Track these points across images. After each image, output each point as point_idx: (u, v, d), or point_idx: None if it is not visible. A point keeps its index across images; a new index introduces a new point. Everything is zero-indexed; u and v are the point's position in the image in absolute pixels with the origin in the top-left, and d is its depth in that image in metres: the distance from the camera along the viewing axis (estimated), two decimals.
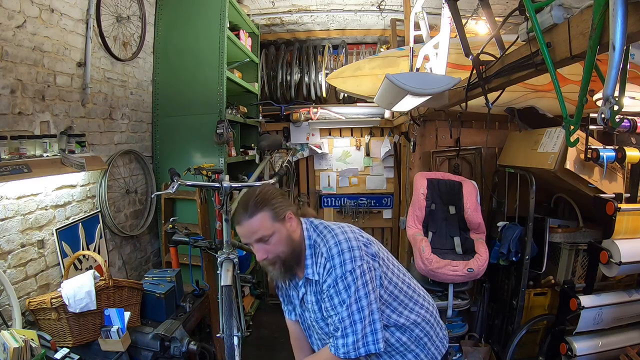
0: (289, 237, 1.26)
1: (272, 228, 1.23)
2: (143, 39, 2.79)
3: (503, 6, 3.33)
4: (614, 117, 0.91)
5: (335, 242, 1.24)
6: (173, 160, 2.92)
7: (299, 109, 4.10)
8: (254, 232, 1.24)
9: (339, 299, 1.20)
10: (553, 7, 1.09)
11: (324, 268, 1.23)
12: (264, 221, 1.23)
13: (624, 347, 2.14)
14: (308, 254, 1.29)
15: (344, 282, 1.19)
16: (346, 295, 1.19)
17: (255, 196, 1.25)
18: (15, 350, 1.41)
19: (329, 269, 1.22)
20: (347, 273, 1.19)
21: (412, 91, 1.64)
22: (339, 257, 1.21)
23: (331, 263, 1.22)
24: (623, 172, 2.25)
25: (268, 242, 1.24)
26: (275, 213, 1.24)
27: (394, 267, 1.36)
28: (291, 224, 1.28)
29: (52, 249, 1.98)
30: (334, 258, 1.22)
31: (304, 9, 3.75)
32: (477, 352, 2.65)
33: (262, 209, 1.23)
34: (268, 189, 1.30)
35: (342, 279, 1.20)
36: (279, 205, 1.25)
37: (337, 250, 1.22)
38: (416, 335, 1.35)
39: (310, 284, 1.31)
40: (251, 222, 1.23)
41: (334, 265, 1.21)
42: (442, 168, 3.02)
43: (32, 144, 1.79)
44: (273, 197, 1.26)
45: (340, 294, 1.20)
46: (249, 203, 1.24)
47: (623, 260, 1.97)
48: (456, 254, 2.53)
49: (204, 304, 2.43)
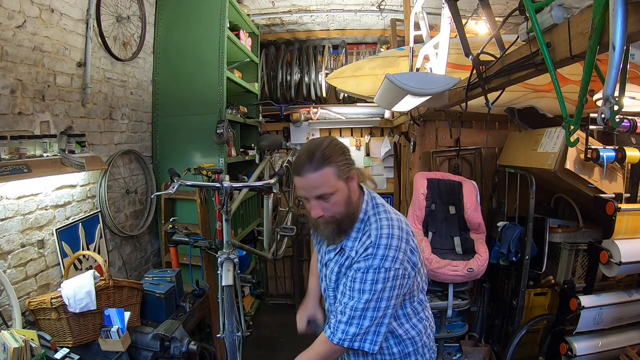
0: (349, 198, 1.19)
1: (336, 186, 1.16)
2: (143, 39, 2.79)
3: (503, 6, 3.33)
4: (614, 117, 0.91)
5: (388, 233, 1.17)
6: (173, 160, 2.92)
7: (299, 109, 4.10)
8: (316, 188, 1.15)
9: (361, 287, 1.15)
10: (553, 7, 1.09)
11: (365, 249, 1.17)
12: (329, 177, 1.14)
13: (624, 347, 2.15)
14: (358, 227, 1.23)
15: (374, 275, 1.14)
16: (369, 287, 1.14)
17: (324, 147, 1.15)
18: (15, 350, 1.41)
19: (369, 254, 1.16)
20: (381, 269, 1.14)
21: (412, 91, 1.64)
22: (384, 250, 1.15)
23: (374, 250, 1.16)
24: (623, 172, 2.25)
25: (327, 200, 1.17)
26: (342, 170, 1.16)
27: (421, 281, 1.31)
28: (353, 184, 1.20)
29: (52, 249, 1.98)
30: (379, 247, 1.15)
31: (304, 9, 3.76)
32: (477, 352, 2.66)
33: (329, 164, 1.14)
34: (337, 142, 1.20)
35: (375, 271, 1.14)
36: (346, 162, 1.17)
37: (385, 242, 1.16)
38: (407, 351, 1.31)
39: (342, 254, 1.25)
40: (315, 176, 1.14)
41: (375, 255, 1.15)
42: (442, 168, 3.02)
43: (32, 144, 1.79)
44: (342, 152, 1.18)
45: (364, 283, 1.14)
46: (315, 154, 1.14)
47: (623, 260, 1.97)
48: (456, 254, 2.53)
49: (204, 304, 2.43)
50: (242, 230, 3.29)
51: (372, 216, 1.23)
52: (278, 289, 4.36)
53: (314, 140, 1.23)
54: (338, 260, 1.26)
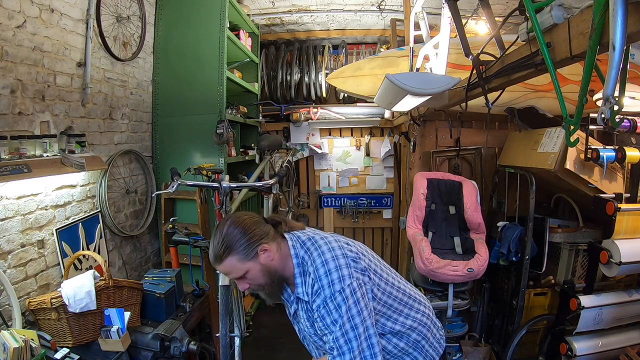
0: (265, 269, 1.24)
1: (245, 268, 1.22)
2: (143, 39, 2.80)
3: (503, 6, 3.33)
4: (614, 117, 0.91)
5: (322, 261, 1.20)
6: (173, 160, 2.92)
7: (299, 109, 4.10)
8: (228, 273, 1.26)
9: (331, 319, 1.17)
10: (553, 7, 1.09)
11: (312, 288, 1.21)
12: (233, 265, 1.22)
13: (624, 347, 2.14)
14: (297, 272, 1.26)
15: (333, 303, 1.16)
16: (337, 315, 1.16)
17: (221, 241, 1.21)
18: (15, 350, 1.41)
19: (317, 289, 1.19)
20: (335, 293, 1.16)
21: (412, 91, 1.64)
22: (327, 278, 1.18)
23: (319, 284, 1.19)
24: (623, 172, 2.25)
25: (245, 278, 1.24)
26: (244, 254, 1.21)
27: (387, 276, 1.33)
28: (267, 255, 1.23)
29: (52, 249, 1.98)
30: (322, 279, 1.18)
31: (304, 9, 3.76)
32: (477, 352, 2.65)
33: (229, 255, 1.21)
34: (235, 226, 1.23)
35: (332, 299, 1.17)
36: (247, 244, 1.21)
37: (324, 270, 1.19)
38: (413, 339, 1.35)
39: (301, 302, 1.29)
40: (221, 267, 1.24)
41: (322, 286, 1.18)
42: (442, 168, 3.02)
43: (32, 144, 1.79)
44: (240, 237, 1.21)
45: (331, 314, 1.17)
46: (215, 248, 1.22)
47: (623, 260, 1.97)
48: (456, 254, 2.53)
49: (204, 304, 2.43)
50: None
51: (304, 254, 1.27)
52: None
53: (217, 227, 1.27)
54: (302, 307, 1.30)
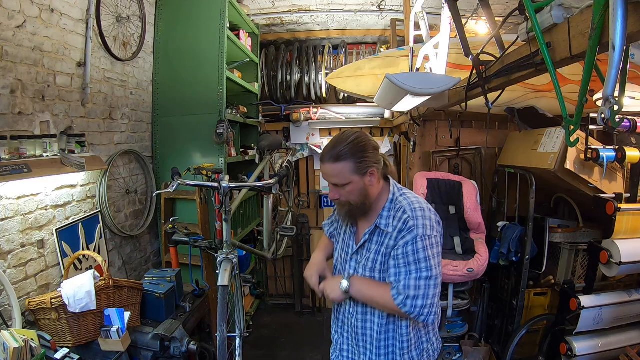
0: (363, 189, 1.29)
1: (350, 179, 1.27)
2: (143, 39, 2.79)
3: (503, 6, 3.32)
4: (614, 117, 0.91)
5: (420, 207, 1.28)
6: (173, 160, 2.92)
7: (299, 109, 4.10)
8: (332, 177, 1.29)
9: (415, 257, 1.23)
10: (553, 7, 1.09)
11: (405, 223, 1.26)
12: (343, 170, 1.26)
13: (624, 347, 2.15)
14: (387, 206, 1.32)
15: (424, 243, 1.23)
16: (423, 255, 1.23)
17: (347, 144, 1.26)
18: (15, 350, 1.41)
19: (412, 226, 1.24)
20: (426, 236, 1.24)
21: (412, 91, 1.64)
22: (422, 220, 1.25)
23: (414, 222, 1.25)
24: (623, 172, 2.25)
25: (343, 188, 1.29)
26: (358, 166, 1.26)
27: None
28: (371, 179, 1.29)
29: (52, 249, 1.98)
30: (418, 218, 1.25)
31: (304, 9, 3.75)
32: (477, 352, 2.65)
33: (346, 159, 1.25)
34: (363, 140, 1.29)
35: (423, 239, 1.23)
36: (364, 159, 1.26)
37: (421, 213, 1.26)
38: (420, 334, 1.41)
39: (379, 234, 1.33)
40: (332, 167, 1.27)
41: (417, 225, 1.24)
42: (442, 168, 3.02)
43: (32, 144, 1.79)
44: (362, 150, 1.26)
45: (417, 253, 1.23)
46: (337, 148, 1.26)
47: (623, 260, 1.97)
48: (456, 254, 2.53)
49: (204, 304, 2.43)
50: (242, 230, 3.29)
51: (400, 196, 1.34)
52: (278, 289, 4.36)
53: (344, 133, 1.31)
54: (378, 239, 1.33)
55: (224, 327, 1.88)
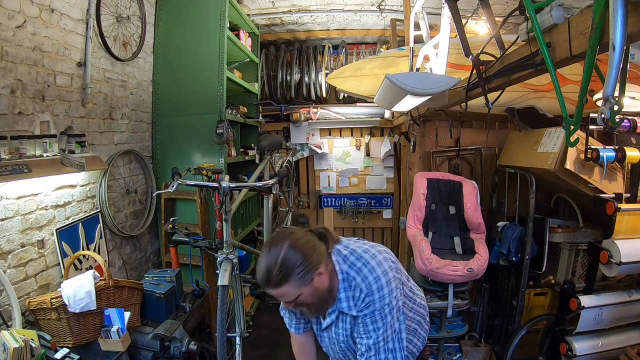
0: (316, 292, 1.25)
1: (298, 292, 1.22)
2: (143, 39, 2.80)
3: (503, 6, 3.33)
4: (614, 117, 0.91)
5: (375, 277, 1.26)
6: (173, 160, 2.92)
7: (299, 109, 4.10)
8: (279, 297, 1.26)
9: (374, 326, 1.27)
10: (553, 7, 1.09)
11: (363, 301, 1.27)
12: (287, 291, 1.21)
13: (624, 347, 2.14)
14: (341, 287, 1.30)
15: (381, 313, 1.26)
16: (382, 322, 1.27)
17: (279, 266, 1.17)
18: (15, 350, 1.41)
19: (368, 302, 1.26)
20: (385, 306, 1.26)
21: (412, 91, 1.64)
22: (379, 293, 1.26)
23: (371, 298, 1.26)
24: (623, 172, 2.25)
25: (295, 301, 1.25)
26: (302, 281, 1.19)
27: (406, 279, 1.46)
28: (321, 278, 1.23)
29: (52, 249, 1.98)
30: (374, 293, 1.26)
31: (304, 9, 3.76)
32: (477, 352, 2.65)
33: (286, 282, 1.18)
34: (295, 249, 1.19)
35: (380, 311, 1.26)
36: (305, 271, 1.19)
37: (377, 286, 1.26)
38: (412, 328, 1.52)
39: (343, 317, 1.34)
40: (276, 292, 1.21)
41: (374, 300, 1.26)
42: (442, 168, 3.02)
43: (32, 144, 1.79)
44: (299, 264, 1.18)
45: (376, 322, 1.27)
46: (271, 275, 1.18)
47: (623, 260, 1.97)
48: (456, 254, 2.53)
49: (204, 304, 2.43)
50: (242, 230, 3.29)
51: (349, 270, 1.30)
52: None
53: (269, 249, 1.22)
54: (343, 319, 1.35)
55: (224, 326, 1.88)
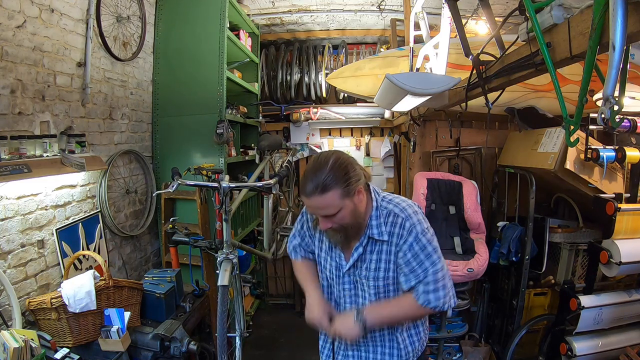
0: (354, 210, 1.24)
1: (341, 205, 1.20)
2: (143, 39, 2.79)
3: (503, 6, 3.33)
4: (614, 117, 0.91)
5: (408, 205, 1.30)
6: (173, 160, 2.92)
7: (299, 109, 4.10)
8: (322, 209, 1.22)
9: (425, 254, 1.25)
10: (553, 7, 1.09)
11: (402, 227, 1.26)
12: (333, 199, 1.18)
13: (624, 347, 2.15)
14: (374, 215, 1.29)
15: (425, 237, 1.25)
16: (431, 249, 1.25)
17: (328, 171, 1.17)
18: (15, 350, 1.41)
19: (410, 226, 1.25)
20: (426, 230, 1.27)
21: (412, 91, 1.64)
22: (416, 217, 1.27)
23: (410, 221, 1.26)
24: (623, 172, 2.25)
25: (334, 216, 1.22)
26: (346, 190, 1.19)
27: None
28: (359, 197, 1.24)
29: (52, 249, 1.98)
30: (411, 217, 1.26)
31: (304, 9, 3.75)
32: (477, 352, 2.65)
33: (334, 187, 1.17)
34: (343, 160, 1.21)
35: (424, 234, 1.25)
36: (350, 181, 1.19)
37: (412, 210, 1.28)
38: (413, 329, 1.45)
39: (374, 243, 1.31)
40: (320, 199, 1.18)
41: (414, 224, 1.25)
42: (442, 168, 3.02)
43: (32, 144, 1.79)
44: (346, 172, 1.19)
45: (425, 248, 1.25)
46: (320, 178, 1.17)
47: (623, 260, 1.97)
48: (456, 254, 2.53)
49: (204, 304, 2.43)
50: (242, 230, 3.29)
51: (382, 201, 1.32)
52: (278, 289, 4.36)
53: (318, 160, 1.22)
54: (375, 249, 1.31)
55: (224, 326, 1.88)
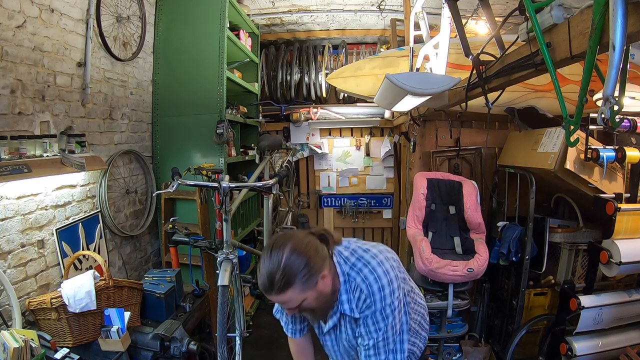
0: (320, 295, 1.21)
1: (302, 298, 1.17)
2: (143, 39, 2.80)
3: (503, 6, 3.33)
4: (614, 117, 0.91)
5: (375, 277, 1.23)
6: (173, 160, 2.92)
7: (299, 109, 4.10)
8: (284, 303, 1.21)
9: (375, 327, 1.25)
10: (553, 7, 1.09)
11: (364, 302, 1.24)
12: (291, 297, 1.16)
13: (624, 347, 2.14)
14: (343, 289, 1.27)
15: (382, 314, 1.24)
16: (383, 324, 1.24)
17: (281, 271, 1.12)
18: (15, 350, 1.41)
19: (370, 303, 1.24)
20: (386, 307, 1.23)
21: (412, 91, 1.64)
22: (380, 293, 1.23)
23: (372, 299, 1.23)
24: (623, 172, 2.25)
25: (299, 307, 1.21)
26: (307, 284, 1.15)
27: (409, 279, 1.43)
28: (324, 282, 1.20)
29: (52, 249, 1.98)
30: (375, 294, 1.23)
31: (304, 9, 3.76)
32: (477, 352, 2.65)
33: (289, 287, 1.13)
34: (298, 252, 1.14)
35: (381, 311, 1.23)
36: (309, 275, 1.14)
37: (377, 286, 1.23)
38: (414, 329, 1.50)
39: (345, 319, 1.32)
40: (279, 298, 1.17)
41: (375, 301, 1.23)
42: (442, 168, 3.02)
43: (32, 144, 1.79)
44: (302, 268, 1.13)
45: (377, 323, 1.24)
46: (274, 280, 1.13)
47: (623, 260, 1.97)
48: (456, 254, 2.53)
49: (204, 304, 2.43)
50: (242, 230, 3.29)
51: (350, 270, 1.27)
52: None
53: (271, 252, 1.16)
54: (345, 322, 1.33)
55: (224, 326, 1.88)
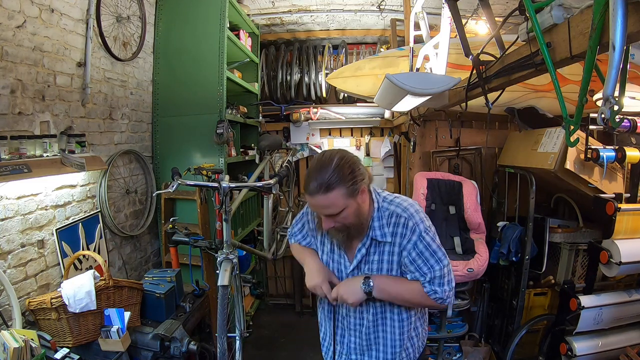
0: (358, 209, 1.24)
1: (345, 204, 1.20)
2: (143, 39, 2.79)
3: (503, 6, 3.32)
4: (614, 117, 0.91)
5: (409, 203, 1.32)
6: (173, 160, 2.92)
7: (299, 109, 4.10)
8: (325, 208, 1.21)
9: (429, 251, 1.27)
10: (553, 7, 1.09)
11: (405, 226, 1.28)
12: (337, 199, 1.18)
13: (624, 347, 2.15)
14: (376, 216, 1.31)
15: (427, 235, 1.28)
16: (435, 246, 1.28)
17: (332, 170, 1.17)
18: (15, 350, 1.41)
19: (412, 226, 1.27)
20: (428, 229, 1.30)
21: (412, 91, 1.64)
22: (418, 215, 1.29)
23: (413, 221, 1.28)
24: (623, 172, 2.25)
25: (338, 215, 1.22)
26: (351, 190, 1.19)
27: None
28: (363, 197, 1.25)
29: (52, 249, 1.98)
30: (414, 216, 1.28)
31: (304, 9, 3.75)
32: (477, 352, 2.65)
33: (338, 186, 1.17)
34: (347, 159, 1.21)
35: (427, 232, 1.28)
36: (354, 180, 1.19)
37: (413, 210, 1.30)
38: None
39: (376, 245, 1.32)
40: (324, 198, 1.18)
41: (417, 222, 1.28)
42: (442, 168, 3.02)
43: (32, 144, 1.79)
44: (351, 170, 1.19)
45: (429, 246, 1.28)
46: (324, 177, 1.16)
47: (623, 260, 1.97)
48: (456, 254, 2.53)
49: (204, 304, 2.43)
50: (242, 230, 3.29)
51: (383, 202, 1.33)
52: (278, 289, 4.36)
53: (323, 159, 1.22)
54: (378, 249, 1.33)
55: (224, 327, 1.88)
